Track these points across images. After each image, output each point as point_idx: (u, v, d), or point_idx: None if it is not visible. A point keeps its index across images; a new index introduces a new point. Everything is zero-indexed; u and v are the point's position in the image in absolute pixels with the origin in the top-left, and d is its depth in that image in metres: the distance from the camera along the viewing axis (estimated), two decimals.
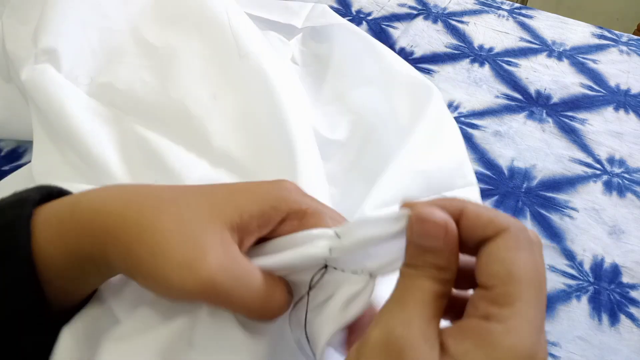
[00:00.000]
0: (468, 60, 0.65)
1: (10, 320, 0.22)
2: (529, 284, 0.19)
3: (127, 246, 0.22)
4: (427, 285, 0.20)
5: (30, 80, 0.40)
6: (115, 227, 0.23)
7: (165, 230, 0.22)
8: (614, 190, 0.51)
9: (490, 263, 0.20)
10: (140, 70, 0.45)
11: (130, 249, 0.22)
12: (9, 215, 0.23)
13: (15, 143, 0.49)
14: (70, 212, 0.24)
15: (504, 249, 0.20)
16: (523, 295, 0.19)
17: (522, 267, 0.19)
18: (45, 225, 0.23)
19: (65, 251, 0.23)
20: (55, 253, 0.23)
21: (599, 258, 0.45)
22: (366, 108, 0.52)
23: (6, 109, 0.47)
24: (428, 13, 0.72)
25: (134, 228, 0.22)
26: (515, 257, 0.20)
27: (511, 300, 0.19)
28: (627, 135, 0.57)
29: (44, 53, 0.42)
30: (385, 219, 0.22)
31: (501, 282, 0.19)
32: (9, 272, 0.22)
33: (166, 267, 0.22)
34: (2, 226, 0.22)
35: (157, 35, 0.47)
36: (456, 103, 0.59)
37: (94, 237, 0.23)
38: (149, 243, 0.22)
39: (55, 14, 0.43)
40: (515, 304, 0.19)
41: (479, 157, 0.53)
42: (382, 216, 0.22)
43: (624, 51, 0.68)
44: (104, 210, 0.23)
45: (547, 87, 0.62)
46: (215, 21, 0.48)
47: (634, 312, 0.41)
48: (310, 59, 0.58)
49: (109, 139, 0.41)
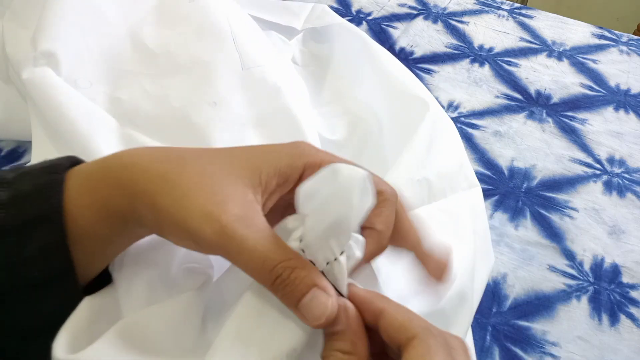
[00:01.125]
0: (468, 60, 0.65)
1: (36, 286, 0.23)
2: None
3: (153, 197, 0.23)
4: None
5: (30, 82, 0.40)
6: (141, 179, 0.23)
7: (189, 181, 0.23)
8: (614, 190, 0.51)
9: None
10: (140, 77, 0.45)
11: (155, 199, 0.23)
12: (43, 180, 0.23)
13: (15, 143, 0.49)
14: (99, 169, 0.25)
15: (416, 357, 0.20)
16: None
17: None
18: (76, 185, 0.24)
19: (95, 208, 0.23)
20: (86, 212, 0.23)
21: (599, 258, 0.45)
22: (365, 109, 0.52)
23: (6, 109, 0.47)
24: (428, 13, 0.72)
25: (159, 180, 0.23)
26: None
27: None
28: (627, 135, 0.57)
29: (43, 56, 0.41)
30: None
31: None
32: (41, 237, 0.22)
33: (188, 216, 0.22)
34: (37, 190, 0.23)
35: (157, 41, 0.47)
36: (456, 103, 0.59)
37: (123, 190, 0.23)
38: (173, 194, 0.23)
39: (54, 18, 0.43)
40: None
41: (479, 157, 0.53)
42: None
43: (624, 51, 0.68)
44: (130, 163, 0.24)
45: (547, 87, 0.62)
46: (216, 28, 0.48)
47: (634, 312, 0.41)
48: (310, 59, 0.58)
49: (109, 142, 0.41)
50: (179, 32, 0.48)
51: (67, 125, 0.39)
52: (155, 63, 0.46)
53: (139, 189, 0.23)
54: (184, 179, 0.23)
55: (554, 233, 0.46)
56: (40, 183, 0.23)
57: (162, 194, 0.23)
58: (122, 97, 0.44)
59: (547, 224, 0.47)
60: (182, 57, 0.46)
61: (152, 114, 0.44)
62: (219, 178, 0.24)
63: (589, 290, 0.43)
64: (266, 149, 0.26)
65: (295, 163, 0.25)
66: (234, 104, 0.45)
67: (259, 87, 0.46)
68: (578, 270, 0.44)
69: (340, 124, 0.51)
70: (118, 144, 0.42)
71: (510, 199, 0.49)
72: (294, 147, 0.26)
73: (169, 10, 0.50)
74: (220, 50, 0.47)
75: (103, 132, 0.41)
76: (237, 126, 0.44)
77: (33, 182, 0.23)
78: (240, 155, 0.25)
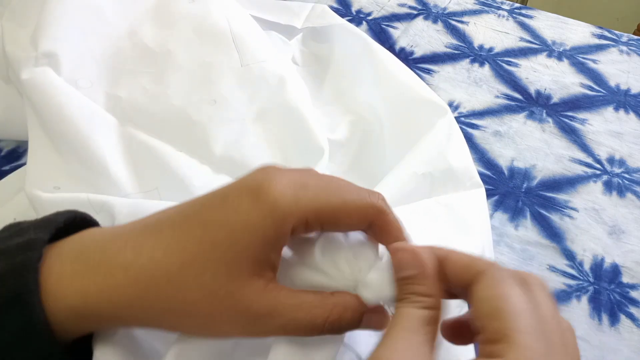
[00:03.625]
0: (468, 60, 0.65)
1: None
2: (517, 315, 0.20)
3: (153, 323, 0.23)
4: (412, 313, 0.21)
5: (29, 82, 0.40)
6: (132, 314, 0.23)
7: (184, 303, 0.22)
8: (614, 190, 0.51)
9: (477, 305, 0.21)
10: (140, 76, 0.45)
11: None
12: (18, 260, 0.22)
13: (15, 143, 0.49)
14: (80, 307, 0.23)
15: (485, 288, 0.21)
16: (514, 326, 0.19)
17: (505, 300, 0.20)
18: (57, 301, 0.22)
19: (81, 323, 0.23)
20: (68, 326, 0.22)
21: (599, 258, 0.45)
22: (365, 109, 0.52)
23: (6, 109, 0.47)
24: (428, 13, 0.72)
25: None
26: (496, 293, 0.20)
27: (503, 335, 0.19)
28: (627, 135, 0.57)
29: (43, 56, 0.41)
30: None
31: (489, 320, 0.20)
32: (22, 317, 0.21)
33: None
34: (12, 270, 0.22)
35: (157, 41, 0.47)
36: (456, 103, 0.59)
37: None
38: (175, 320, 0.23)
39: (54, 18, 0.43)
40: (508, 337, 0.19)
41: (479, 157, 0.53)
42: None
43: (624, 51, 0.68)
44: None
45: (547, 87, 0.62)
46: (216, 28, 0.48)
47: (634, 312, 0.41)
48: (310, 59, 0.58)
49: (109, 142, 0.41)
50: (179, 32, 0.48)
51: (68, 125, 0.39)
52: (155, 62, 0.46)
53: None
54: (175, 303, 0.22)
55: (554, 233, 0.46)
56: (16, 264, 0.22)
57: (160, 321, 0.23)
58: (121, 96, 0.44)
59: (547, 224, 0.47)
60: (181, 56, 0.46)
61: (152, 112, 0.44)
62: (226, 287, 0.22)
63: (589, 290, 0.43)
64: (248, 224, 0.22)
65: (282, 231, 0.23)
66: (234, 101, 0.45)
67: (259, 82, 0.46)
68: (578, 271, 0.44)
69: (341, 124, 0.50)
70: (118, 143, 0.42)
71: (510, 199, 0.49)
72: (272, 210, 0.22)
73: (169, 10, 0.50)
74: (220, 49, 0.47)
75: (103, 131, 0.41)
76: (237, 123, 0.44)
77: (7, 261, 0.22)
78: (228, 243, 0.22)
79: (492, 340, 0.19)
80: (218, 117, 0.44)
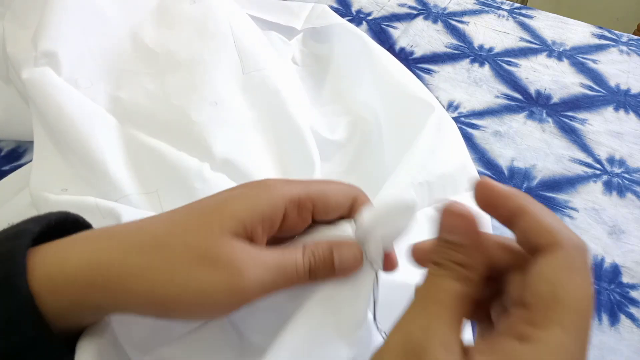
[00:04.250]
0: (468, 60, 0.65)
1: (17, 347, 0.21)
2: (573, 311, 0.18)
3: (134, 299, 0.22)
4: (451, 286, 0.20)
5: (30, 82, 0.40)
6: (119, 285, 0.22)
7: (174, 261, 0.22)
8: (614, 190, 0.51)
9: (538, 281, 0.19)
10: (141, 76, 0.45)
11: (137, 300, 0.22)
12: (8, 247, 0.22)
13: (15, 143, 0.49)
14: (63, 281, 0.22)
15: (555, 269, 0.19)
16: (564, 321, 0.18)
17: (570, 291, 0.18)
18: (42, 286, 0.22)
19: (66, 305, 0.22)
20: (56, 305, 0.22)
21: (599, 258, 0.45)
22: (365, 109, 0.52)
23: (6, 110, 0.47)
24: (428, 13, 0.72)
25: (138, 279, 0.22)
26: (565, 279, 0.18)
27: (549, 324, 0.18)
28: (627, 135, 0.57)
29: (43, 56, 0.41)
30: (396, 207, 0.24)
31: (544, 303, 0.18)
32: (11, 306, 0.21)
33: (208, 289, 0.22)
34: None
35: (158, 41, 0.47)
36: (456, 103, 0.59)
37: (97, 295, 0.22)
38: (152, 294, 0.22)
39: (55, 18, 0.43)
40: (552, 328, 0.18)
41: (479, 157, 0.53)
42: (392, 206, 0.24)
43: (624, 51, 0.68)
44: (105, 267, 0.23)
45: (547, 87, 0.62)
46: (217, 29, 0.48)
47: (634, 312, 0.41)
48: (310, 59, 0.58)
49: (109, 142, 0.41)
50: (180, 32, 0.48)
51: (68, 124, 0.39)
52: (155, 62, 0.46)
53: (122, 293, 0.22)
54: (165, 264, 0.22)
55: None
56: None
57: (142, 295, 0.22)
58: (122, 96, 0.44)
59: None
60: (182, 56, 0.46)
61: (153, 112, 0.44)
62: (205, 238, 0.23)
63: None
64: (241, 195, 0.25)
65: (276, 205, 0.24)
66: (235, 104, 0.45)
67: (259, 91, 0.46)
68: None
69: (341, 124, 0.51)
70: (118, 143, 0.42)
71: None
72: (267, 189, 0.25)
73: (170, 11, 0.50)
74: (221, 51, 0.47)
75: (103, 131, 0.41)
76: (237, 126, 0.44)
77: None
78: (217, 207, 0.24)
79: (533, 323, 0.18)
80: (218, 118, 0.44)
